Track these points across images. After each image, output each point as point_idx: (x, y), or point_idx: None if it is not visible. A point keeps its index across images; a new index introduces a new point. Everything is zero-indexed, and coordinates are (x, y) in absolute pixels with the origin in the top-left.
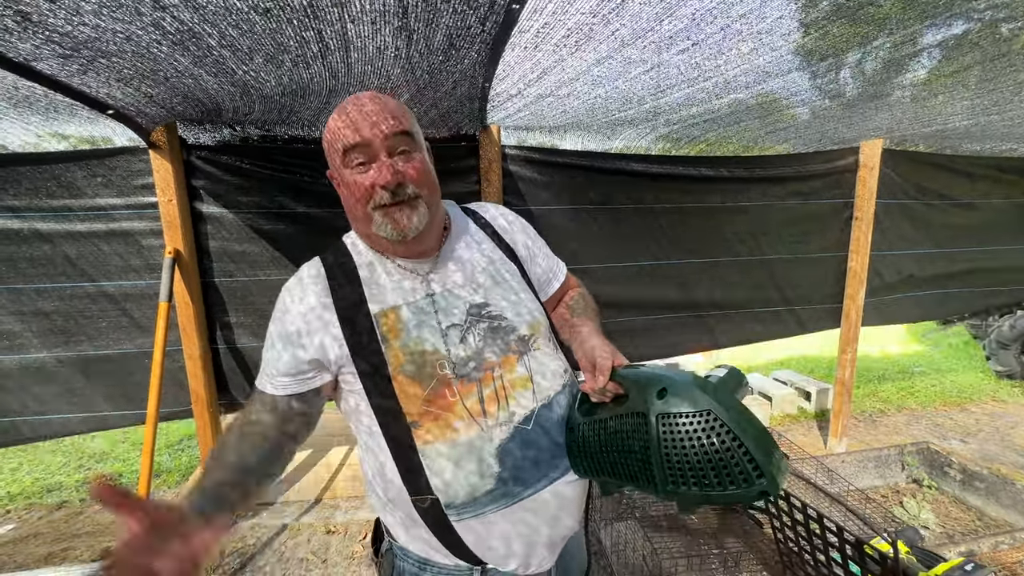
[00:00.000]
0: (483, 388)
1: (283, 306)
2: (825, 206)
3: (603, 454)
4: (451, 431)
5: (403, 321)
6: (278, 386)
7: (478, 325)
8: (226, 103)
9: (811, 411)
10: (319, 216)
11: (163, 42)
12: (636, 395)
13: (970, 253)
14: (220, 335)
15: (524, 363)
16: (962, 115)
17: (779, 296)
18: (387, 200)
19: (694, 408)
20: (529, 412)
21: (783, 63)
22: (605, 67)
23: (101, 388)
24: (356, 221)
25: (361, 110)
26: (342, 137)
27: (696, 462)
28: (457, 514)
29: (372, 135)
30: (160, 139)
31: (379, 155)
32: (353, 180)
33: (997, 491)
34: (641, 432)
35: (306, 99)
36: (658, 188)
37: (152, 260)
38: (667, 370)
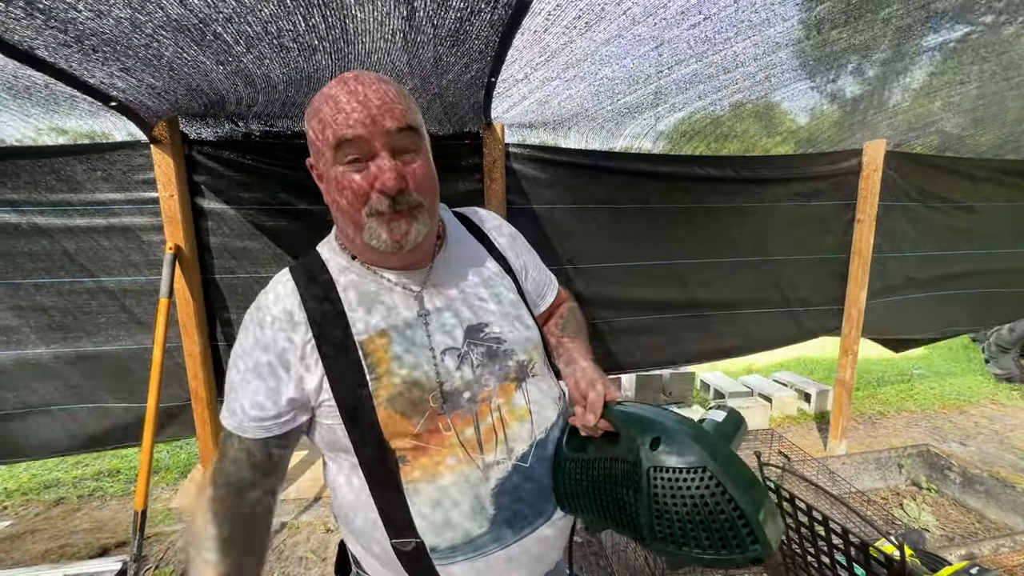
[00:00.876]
0: (480, 421)
1: (251, 333)
2: (828, 208)
3: (591, 496)
4: (444, 468)
5: (392, 346)
6: (252, 428)
7: (476, 349)
8: (229, 94)
9: (811, 413)
10: (322, 213)
11: (167, 27)
12: (628, 441)
13: (971, 256)
14: (220, 332)
15: (523, 391)
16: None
17: (781, 297)
18: (385, 208)
19: (688, 464)
20: (527, 447)
21: (792, 32)
22: (614, 46)
23: (101, 384)
24: (343, 225)
25: (361, 96)
26: (335, 127)
27: (688, 522)
28: (442, 559)
29: (374, 130)
30: (162, 134)
31: (379, 153)
32: (345, 179)
33: (997, 494)
34: (632, 482)
35: (310, 90)
36: (661, 188)
37: (153, 256)
38: (662, 412)
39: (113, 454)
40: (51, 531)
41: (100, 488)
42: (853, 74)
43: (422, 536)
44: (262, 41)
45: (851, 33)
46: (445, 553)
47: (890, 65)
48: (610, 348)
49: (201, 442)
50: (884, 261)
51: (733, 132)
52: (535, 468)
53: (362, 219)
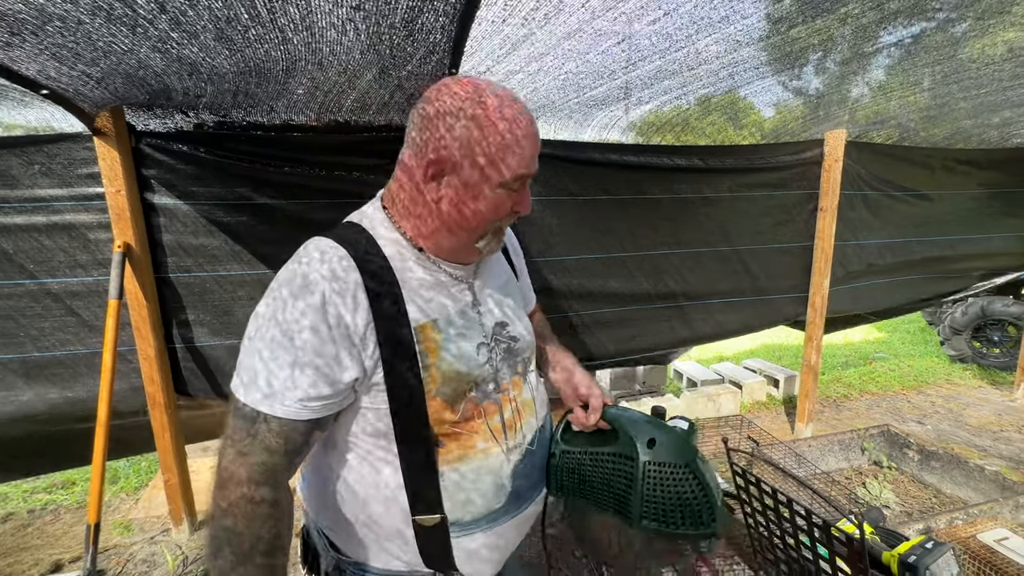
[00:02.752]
0: (503, 410)
1: (303, 306)
2: (792, 196)
3: (583, 483)
4: (473, 452)
5: (441, 336)
6: (298, 410)
7: (499, 345)
8: (174, 84)
9: (779, 398)
10: (282, 207)
11: (97, 14)
12: (626, 439)
13: (928, 243)
14: (177, 333)
15: (529, 385)
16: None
17: (751, 286)
18: (506, 224)
19: (676, 461)
20: (534, 434)
21: (754, 31)
22: (576, 40)
23: (47, 392)
24: (452, 233)
25: (535, 140)
26: (525, 162)
27: (671, 506)
28: (461, 531)
29: (536, 169)
30: (105, 125)
31: (526, 184)
32: (500, 200)
33: (951, 469)
34: (627, 473)
35: (261, 81)
36: (631, 178)
37: (101, 255)
38: (650, 418)
39: None
40: (0, 548)
41: (53, 501)
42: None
43: (447, 512)
44: (205, 31)
45: (809, 33)
46: (465, 526)
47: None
48: (582, 340)
49: (161, 450)
50: (846, 249)
51: (700, 126)
52: (537, 451)
53: (487, 231)
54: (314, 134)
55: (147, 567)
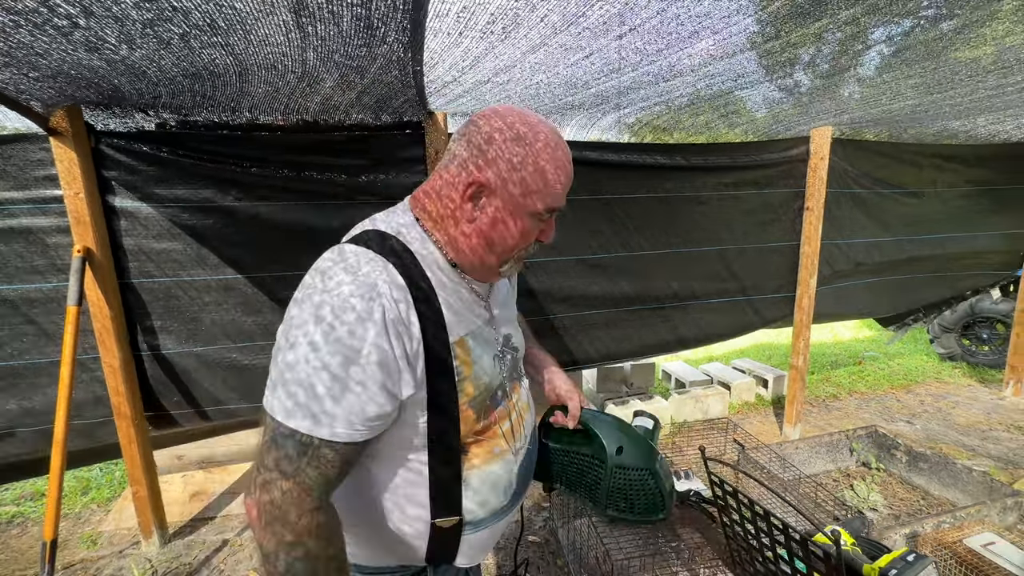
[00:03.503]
0: (511, 414)
1: (361, 327)
2: (779, 195)
3: (564, 473)
4: (492, 456)
5: (473, 351)
6: (361, 432)
7: (506, 356)
8: (124, 85)
9: (768, 398)
10: (249, 209)
11: (22, 22)
12: (599, 444)
13: (917, 241)
14: (143, 340)
15: (524, 389)
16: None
17: (737, 287)
18: (529, 251)
19: (637, 466)
20: (531, 434)
21: (727, 45)
22: (541, 54)
23: (5, 404)
24: (483, 253)
25: (570, 172)
26: (559, 199)
27: (631, 497)
28: (472, 529)
29: (565, 203)
30: (61, 125)
31: (553, 215)
32: (531, 228)
33: (939, 471)
34: (598, 471)
35: (215, 84)
36: (613, 177)
37: (60, 260)
38: (619, 423)
39: None
40: None
41: (21, 514)
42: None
43: (465, 513)
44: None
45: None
46: (477, 524)
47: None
48: (565, 344)
49: (128, 461)
50: (833, 248)
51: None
52: (532, 450)
53: (512, 256)
54: (283, 134)
55: None
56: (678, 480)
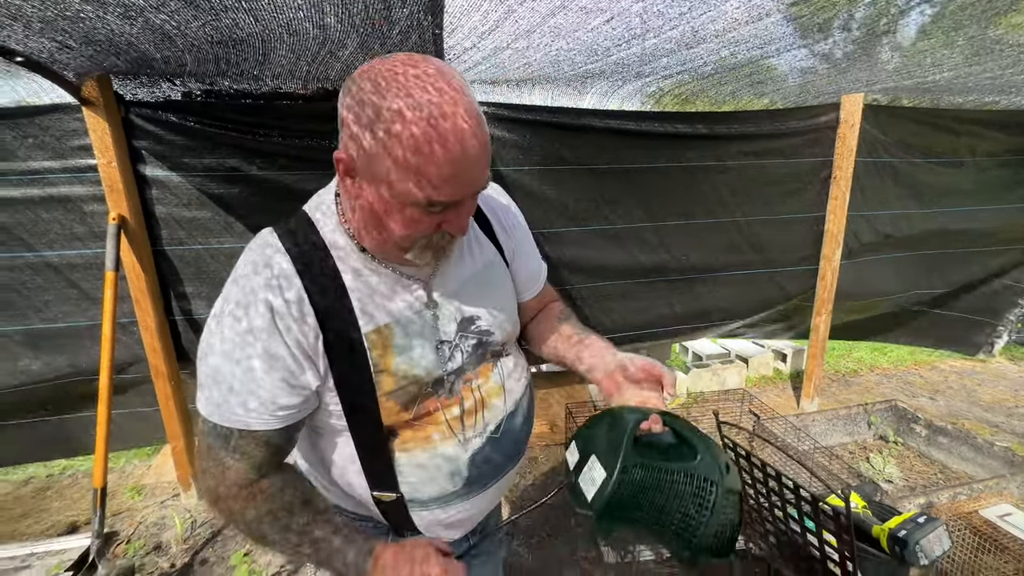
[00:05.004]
0: (464, 401)
1: (251, 320)
2: (805, 165)
3: (643, 503)
4: (428, 443)
5: (395, 341)
6: (269, 420)
7: (466, 341)
8: (152, 52)
9: (787, 372)
10: (274, 179)
11: None
12: (708, 460)
13: (949, 214)
14: (176, 306)
15: (498, 370)
16: (945, 67)
17: (759, 259)
18: (445, 243)
19: (737, 488)
20: (500, 420)
21: (753, 9)
22: (561, 18)
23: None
24: (379, 237)
25: (466, 154)
26: (432, 191)
27: (731, 536)
28: (418, 507)
29: (468, 191)
30: (92, 94)
31: (462, 203)
32: (415, 218)
33: (959, 445)
34: (706, 498)
35: (239, 51)
36: (633, 146)
37: (97, 228)
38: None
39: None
40: (20, 509)
41: (71, 466)
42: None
43: (403, 492)
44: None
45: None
46: (423, 503)
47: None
48: (583, 314)
49: (166, 418)
50: (860, 220)
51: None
52: (503, 438)
53: (412, 246)
54: (304, 102)
55: (157, 529)
56: None
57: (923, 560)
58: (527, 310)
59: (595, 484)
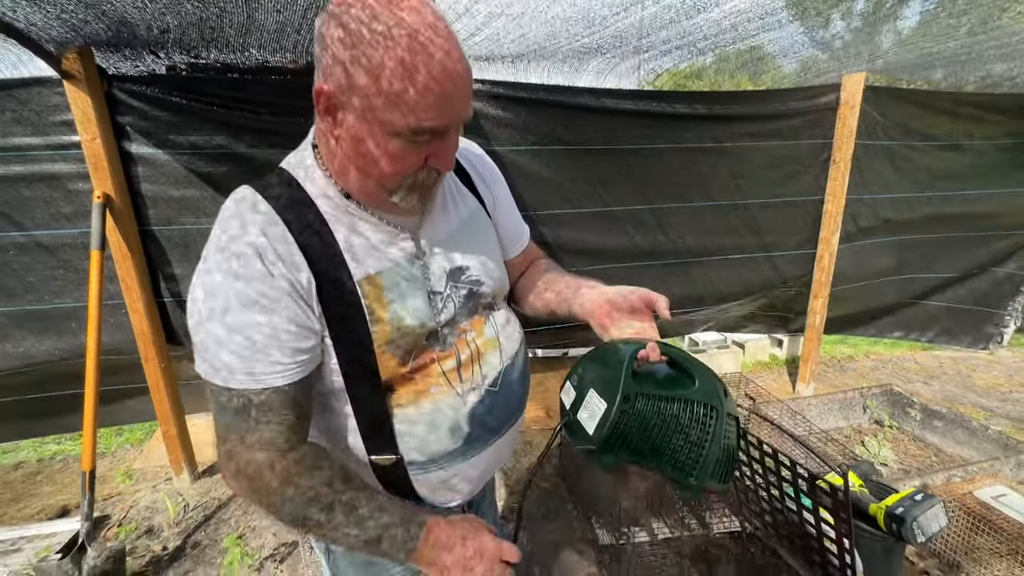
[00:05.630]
0: (460, 353)
1: (245, 274)
2: (804, 147)
3: (647, 434)
4: (426, 397)
5: (388, 289)
6: (290, 374)
7: (457, 291)
8: (132, 14)
9: (782, 358)
10: (264, 156)
11: None
12: (707, 386)
13: (949, 197)
14: (165, 287)
15: (491, 324)
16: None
17: (756, 242)
18: (431, 181)
19: (735, 416)
20: (497, 374)
21: None
22: None
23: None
24: (362, 179)
25: (451, 78)
26: (426, 116)
27: (732, 461)
28: (418, 470)
29: (454, 119)
30: (74, 67)
31: (448, 133)
32: (401, 153)
33: (954, 428)
34: (707, 423)
35: (221, 11)
36: (631, 125)
37: (83, 206)
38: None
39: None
40: (10, 494)
41: (62, 451)
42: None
43: (402, 453)
44: None
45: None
46: (422, 465)
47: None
48: None
49: (157, 403)
50: (859, 203)
51: (717, 80)
52: (503, 391)
53: (399, 185)
54: (293, 77)
55: (150, 513)
56: None
57: (920, 537)
58: (513, 268)
59: (595, 417)
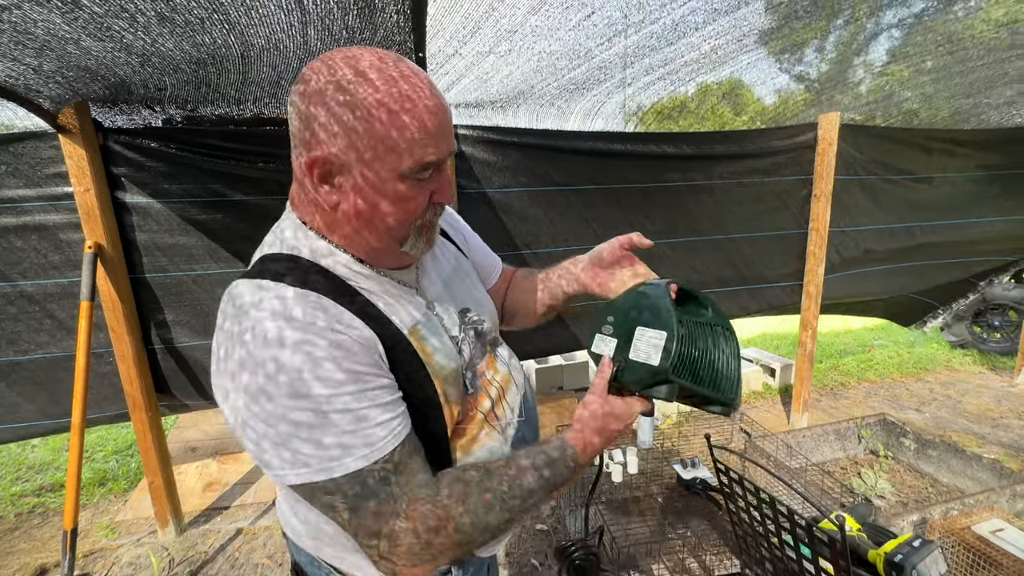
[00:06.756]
0: (490, 393)
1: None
2: (786, 183)
3: (702, 353)
4: (477, 443)
5: (426, 340)
6: (401, 419)
7: (468, 334)
8: (130, 76)
9: (776, 387)
10: (257, 204)
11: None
12: (718, 309)
13: (927, 228)
14: (156, 335)
15: (501, 360)
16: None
17: (743, 275)
18: (434, 219)
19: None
20: (519, 404)
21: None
22: (542, 15)
23: (27, 396)
24: (372, 238)
25: (437, 117)
26: (426, 150)
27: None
28: None
29: (446, 151)
30: (70, 122)
31: (441, 168)
32: (411, 194)
33: (949, 458)
34: (731, 341)
35: (221, 70)
36: (620, 167)
37: (73, 256)
38: None
39: (57, 467)
40: None
41: (41, 504)
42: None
43: None
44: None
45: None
46: None
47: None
48: (571, 331)
49: (143, 452)
50: (841, 235)
51: (698, 111)
52: (528, 418)
53: (408, 232)
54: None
55: (132, 569)
56: (684, 468)
57: None
58: (497, 294)
59: (657, 349)
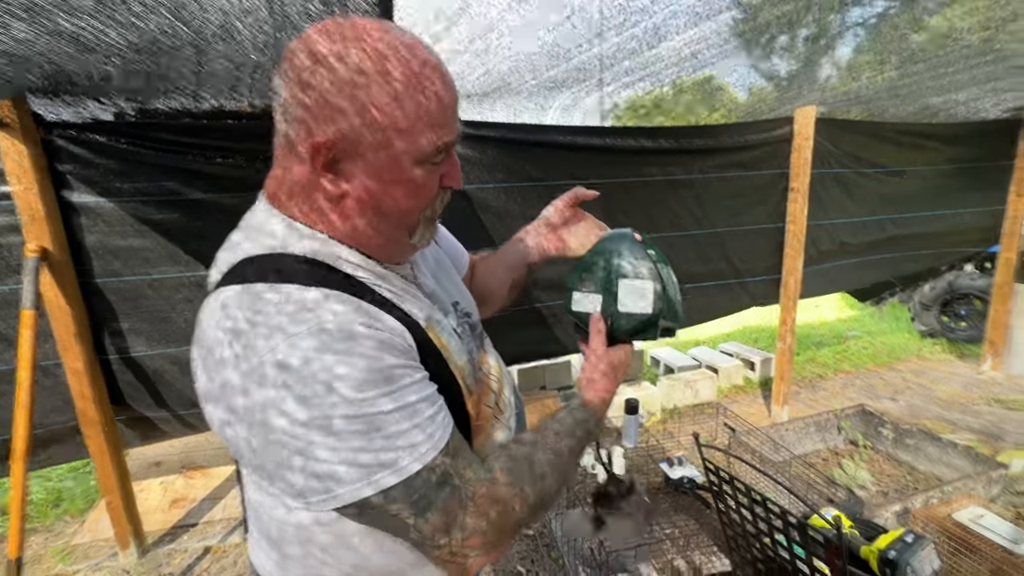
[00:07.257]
0: (491, 387)
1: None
2: (764, 177)
3: (670, 291)
4: (489, 437)
5: (440, 334)
6: (444, 410)
7: (464, 325)
8: (67, 64)
9: (756, 380)
10: (218, 202)
11: None
12: (654, 246)
13: (899, 220)
14: (110, 344)
15: (491, 353)
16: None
17: (727, 269)
18: (441, 208)
19: None
20: (513, 395)
21: (713, 3)
22: (518, 14)
23: None
24: (381, 229)
25: (451, 91)
26: (446, 129)
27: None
28: None
29: (460, 131)
30: (7, 115)
31: (453, 150)
32: (426, 179)
33: (925, 446)
34: (672, 271)
35: (172, 59)
36: (598, 162)
37: (15, 261)
38: None
39: (4, 490)
40: None
41: None
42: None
43: None
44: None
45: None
46: None
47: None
48: (554, 333)
49: (100, 470)
50: (818, 229)
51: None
52: (519, 409)
53: (418, 220)
54: (249, 121)
55: None
56: (671, 467)
57: None
58: (467, 283)
59: (644, 297)
